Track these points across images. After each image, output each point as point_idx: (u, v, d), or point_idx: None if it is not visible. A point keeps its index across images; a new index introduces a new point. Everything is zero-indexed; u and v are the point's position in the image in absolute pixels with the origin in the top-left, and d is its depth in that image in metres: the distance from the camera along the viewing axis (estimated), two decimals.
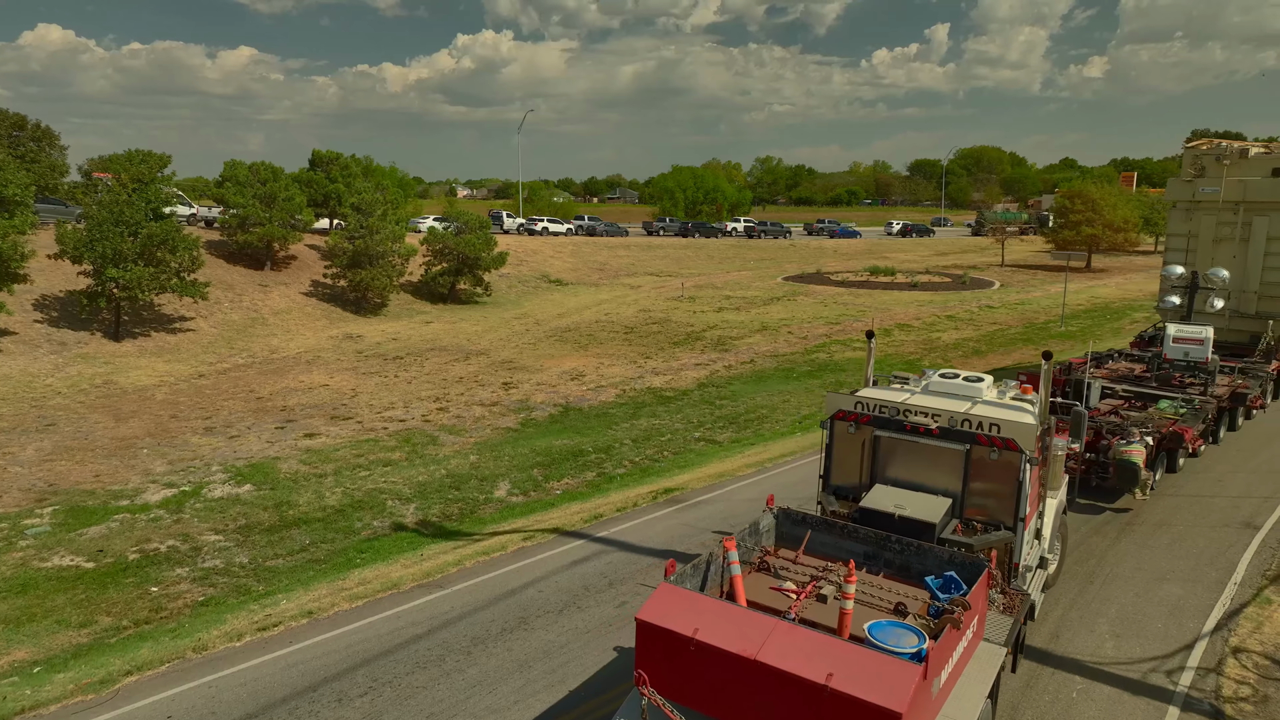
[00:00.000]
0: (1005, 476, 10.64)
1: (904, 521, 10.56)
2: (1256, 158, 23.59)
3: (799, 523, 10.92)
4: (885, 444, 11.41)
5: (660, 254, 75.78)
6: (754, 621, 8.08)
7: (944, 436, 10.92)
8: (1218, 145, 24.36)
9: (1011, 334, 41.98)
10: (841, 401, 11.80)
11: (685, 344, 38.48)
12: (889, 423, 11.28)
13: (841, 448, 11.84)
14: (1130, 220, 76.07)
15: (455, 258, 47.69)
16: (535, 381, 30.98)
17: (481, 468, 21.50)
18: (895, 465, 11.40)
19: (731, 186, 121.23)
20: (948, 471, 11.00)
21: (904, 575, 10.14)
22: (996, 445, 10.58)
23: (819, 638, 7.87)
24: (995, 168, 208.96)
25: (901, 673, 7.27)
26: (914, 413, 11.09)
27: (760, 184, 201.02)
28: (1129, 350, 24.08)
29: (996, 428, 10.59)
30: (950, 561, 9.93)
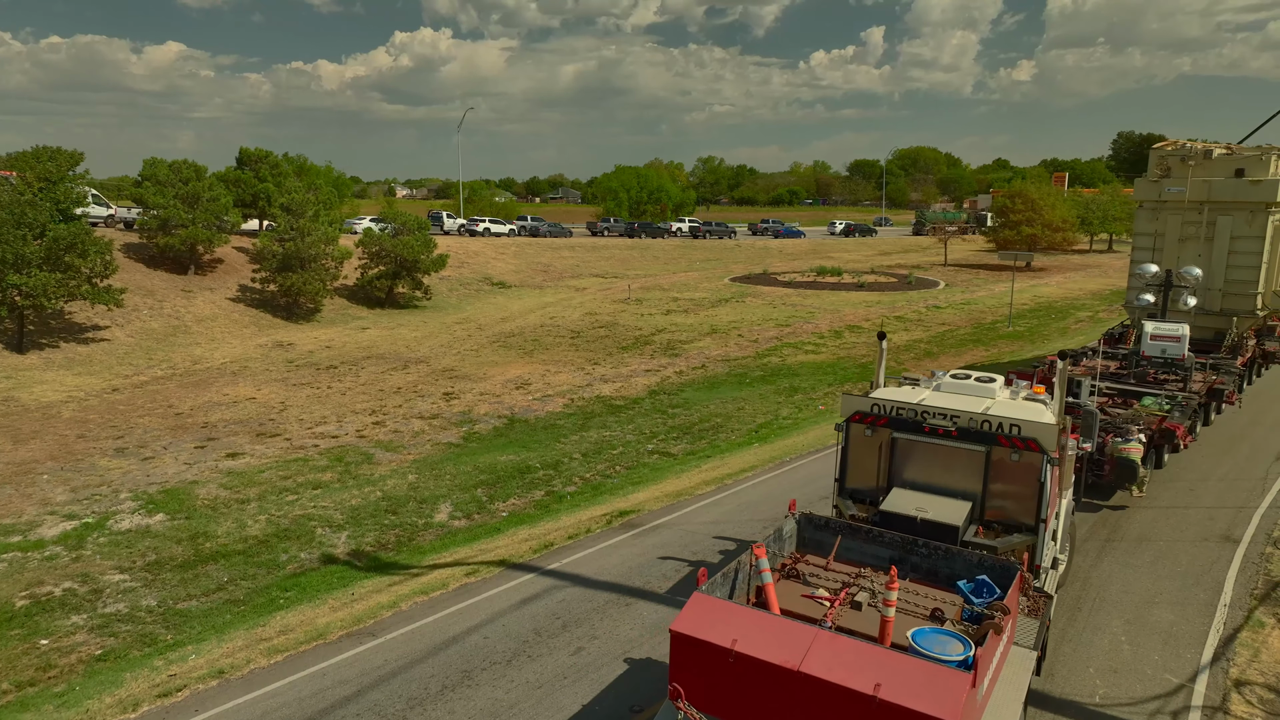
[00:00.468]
0: (1026, 478, 10.51)
1: (926, 525, 10.38)
2: (1220, 159, 23.84)
3: (822, 528, 10.74)
4: (903, 446, 11.23)
5: (605, 255, 74.48)
6: (794, 631, 7.87)
7: (963, 438, 10.77)
8: (1182, 146, 24.52)
9: (961, 335, 41.70)
10: (858, 404, 11.59)
11: (634, 349, 37.28)
12: (907, 424, 11.10)
13: (857, 450, 11.63)
14: (1068, 220, 77.31)
15: (393, 260, 45.74)
16: (478, 391, 29.46)
17: (420, 488, 19.98)
18: (913, 467, 11.22)
19: (675, 186, 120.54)
20: (967, 473, 10.86)
21: (931, 580, 9.92)
22: (1018, 446, 10.45)
23: (863, 647, 7.65)
24: (932, 168, 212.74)
25: (951, 682, 7.08)
26: (933, 414, 10.90)
27: (703, 184, 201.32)
28: (1103, 348, 24.01)
29: (1017, 428, 10.44)
30: (980, 565, 9.76)
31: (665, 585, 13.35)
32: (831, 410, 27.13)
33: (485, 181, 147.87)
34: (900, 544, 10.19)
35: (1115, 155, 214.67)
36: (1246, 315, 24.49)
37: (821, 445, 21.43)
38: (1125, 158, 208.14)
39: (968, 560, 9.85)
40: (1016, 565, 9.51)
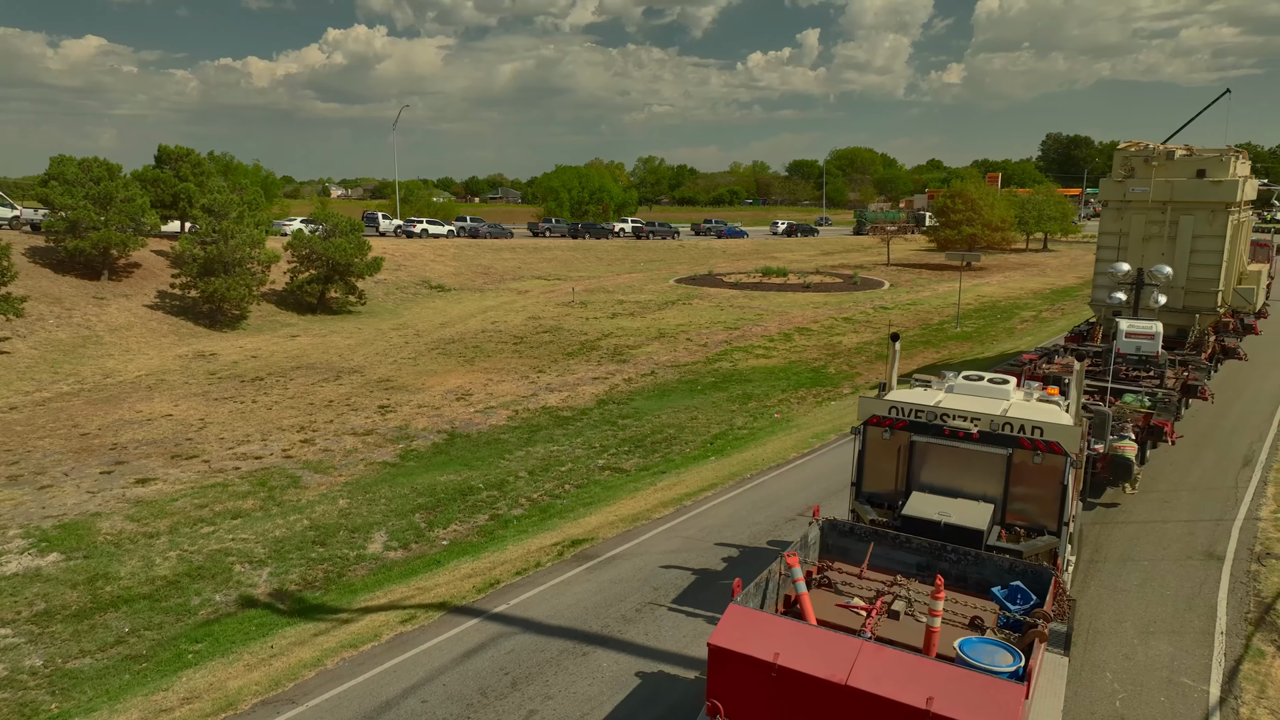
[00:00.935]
0: (1048, 480, 10.42)
1: (949, 529, 10.18)
2: (1182, 160, 24.05)
3: (846, 534, 10.56)
4: (922, 449, 11.07)
5: (548, 256, 72.83)
6: (838, 643, 7.67)
7: (985, 440, 10.63)
8: (1145, 147, 24.69)
9: (910, 336, 41.23)
10: (875, 406, 11.37)
11: (580, 355, 35.89)
12: (926, 427, 10.92)
13: (875, 454, 11.45)
14: (1006, 220, 78.20)
15: (324, 264, 43.54)
16: (416, 403, 27.76)
17: (352, 515, 18.34)
18: (932, 471, 11.07)
19: (617, 186, 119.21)
20: (988, 476, 10.74)
21: (960, 586, 9.71)
22: (1040, 449, 10.34)
23: (911, 659, 7.46)
24: (868, 168, 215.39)
25: (1006, 694, 6.89)
26: (952, 416, 10.74)
27: (644, 184, 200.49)
28: (1073, 346, 24.13)
29: (1039, 430, 10.32)
30: (1011, 570, 9.55)
31: (627, 629, 12.05)
32: (788, 419, 26.16)
33: (423, 181, 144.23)
34: (929, 550, 9.97)
35: (1044, 156, 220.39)
36: (1208, 312, 24.60)
37: (781, 460, 20.35)
38: (1054, 158, 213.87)
39: (999, 566, 9.63)
40: (1051, 570, 9.32)
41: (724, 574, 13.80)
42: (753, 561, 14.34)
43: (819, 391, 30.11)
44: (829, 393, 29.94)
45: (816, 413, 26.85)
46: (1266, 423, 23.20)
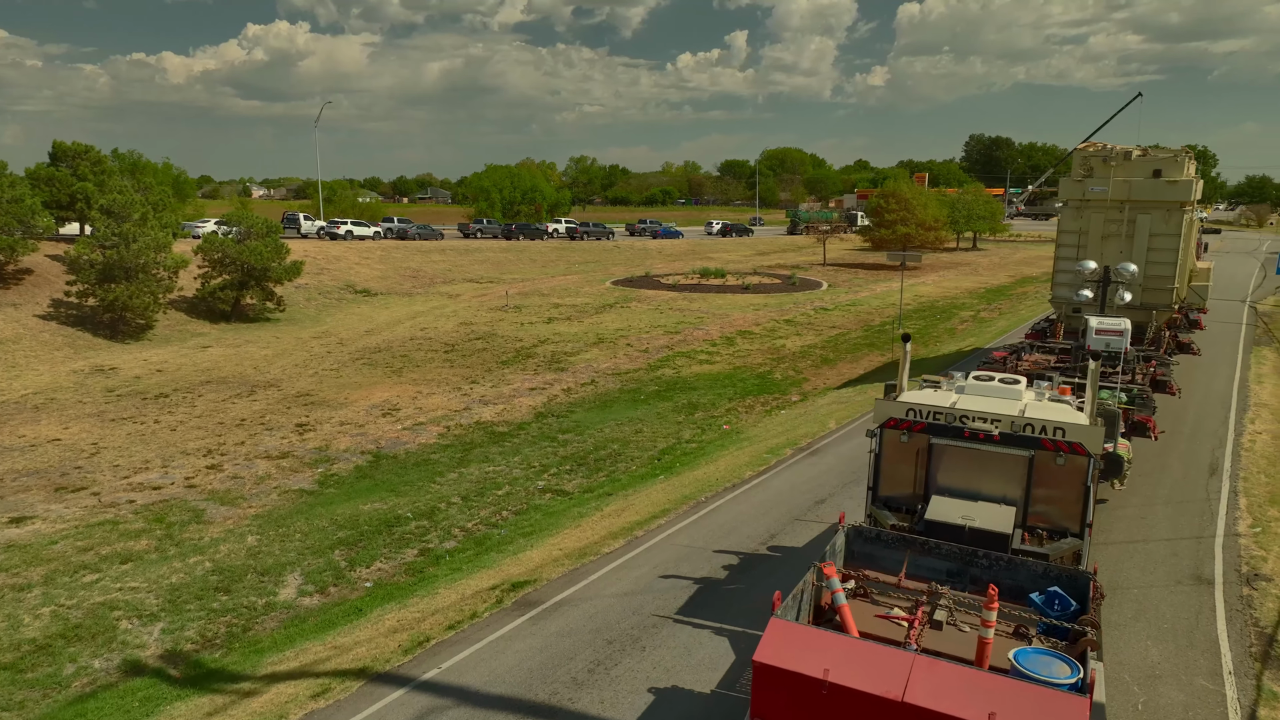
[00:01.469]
0: (1071, 482, 10.24)
1: (973, 533, 10.00)
2: (1139, 160, 24.47)
3: (872, 540, 10.34)
4: (941, 452, 10.83)
5: (479, 258, 70.50)
6: (889, 658, 7.44)
7: (1006, 442, 10.41)
8: (1104, 148, 25.08)
9: (854, 339, 40.49)
10: (892, 409, 11.08)
11: (516, 363, 34.06)
12: (946, 429, 10.69)
13: (892, 457, 11.20)
14: (939, 219, 78.70)
15: (239, 268, 40.75)
16: (338, 421, 25.62)
17: (263, 554, 16.32)
18: (952, 473, 10.84)
19: (549, 186, 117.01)
20: (1009, 479, 10.52)
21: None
22: (1063, 450, 10.17)
23: (968, 672, 7.28)
24: (798, 168, 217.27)
25: (1070, 707, 6.73)
26: (972, 418, 10.53)
27: (576, 184, 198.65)
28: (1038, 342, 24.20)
29: (1061, 431, 10.15)
30: (1045, 575, 9.36)
31: (579, 696, 10.44)
32: (737, 431, 24.84)
33: (349, 181, 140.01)
34: (959, 555, 9.74)
35: (968, 156, 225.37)
36: (1164, 308, 24.85)
37: (736, 480, 18.95)
38: (977, 159, 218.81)
39: (1032, 571, 9.39)
40: (1088, 574, 9.15)
41: (684, 622, 12.29)
42: (716, 604, 12.87)
43: (767, 399, 28.90)
44: (777, 400, 28.75)
45: (767, 423, 25.59)
46: (1222, 426, 22.74)
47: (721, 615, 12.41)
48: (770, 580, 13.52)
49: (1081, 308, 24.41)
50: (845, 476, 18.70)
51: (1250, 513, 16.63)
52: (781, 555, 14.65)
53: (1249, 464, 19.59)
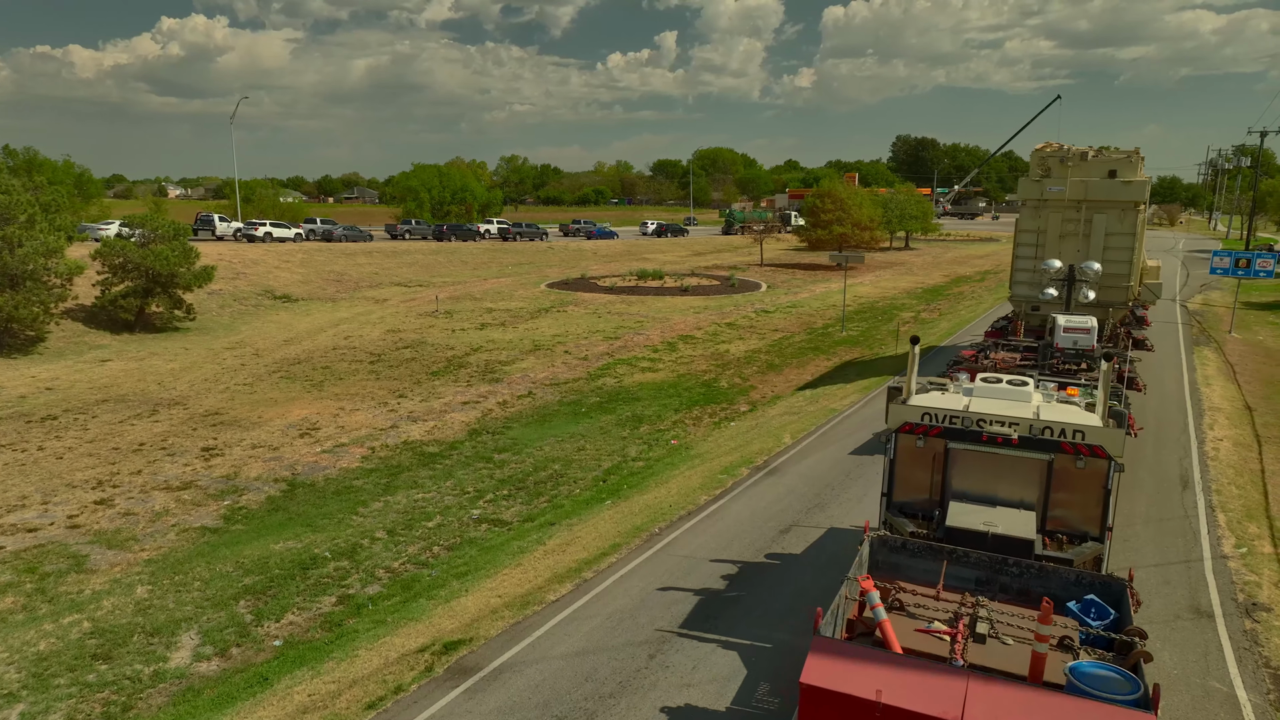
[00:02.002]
0: (1091, 485, 10.11)
1: (996, 540, 9.79)
2: (1095, 160, 24.81)
3: (897, 550, 10.02)
4: (958, 456, 10.63)
5: (408, 260, 67.81)
6: (942, 676, 7.15)
7: (1024, 446, 10.24)
8: (1061, 148, 25.41)
9: (798, 342, 39.45)
10: (907, 413, 10.87)
11: (447, 374, 32.01)
12: (963, 434, 10.53)
13: (907, 463, 10.97)
14: (874, 219, 78.75)
15: (142, 274, 37.71)
16: (249, 444, 23.32)
17: (154, 609, 14.19)
18: (969, 478, 10.64)
19: (480, 186, 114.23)
20: (1028, 483, 10.36)
21: (1023, 600, 9.27)
22: (1083, 453, 10.04)
23: (1026, 690, 7.00)
24: (730, 168, 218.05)
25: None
26: (989, 421, 10.40)
27: (507, 183, 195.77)
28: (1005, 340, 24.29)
29: (1081, 434, 10.02)
30: (1078, 582, 9.15)
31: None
32: (686, 446, 23.36)
33: (270, 180, 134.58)
34: (988, 564, 9.49)
35: (895, 157, 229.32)
36: (1120, 306, 25.42)
37: (691, 505, 17.42)
38: (904, 159, 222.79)
39: (1064, 578, 9.14)
40: (1122, 581, 8.97)
41: (649, 689, 10.69)
42: (680, 666, 11.29)
43: (715, 410, 27.50)
44: (725, 411, 27.38)
45: (716, 437, 24.17)
46: (1184, 433, 22.17)
47: (687, 678, 10.85)
48: (741, 631, 12.02)
49: (1041, 305, 25.10)
50: (808, 500, 17.35)
51: (1232, 531, 15.80)
52: (748, 597, 13.16)
53: (1218, 475, 18.90)
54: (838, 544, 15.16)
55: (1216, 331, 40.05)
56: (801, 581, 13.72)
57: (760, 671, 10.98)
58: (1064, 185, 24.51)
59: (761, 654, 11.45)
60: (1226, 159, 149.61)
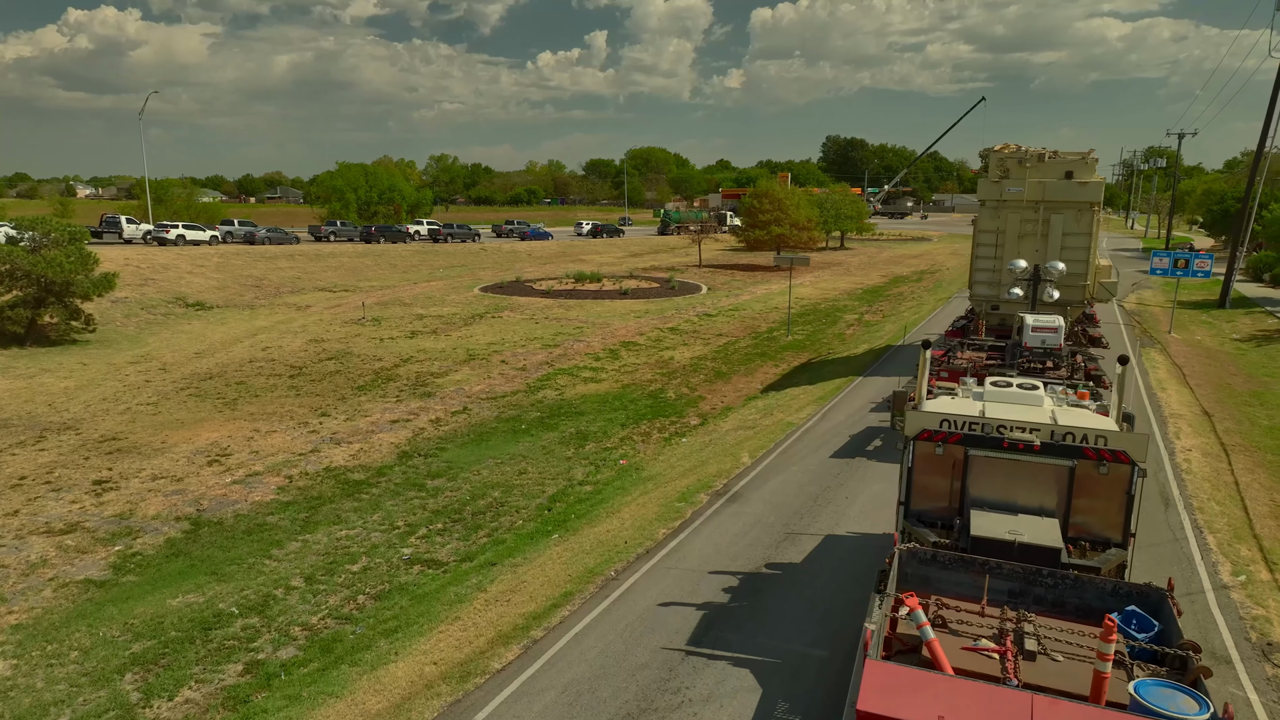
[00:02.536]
0: (1114, 491, 9.96)
1: (1023, 549, 9.54)
2: (1052, 161, 25.21)
3: (927, 562, 9.59)
4: (978, 463, 10.42)
5: (333, 264, 64.73)
6: (1004, 698, 6.90)
7: (1047, 452, 10.07)
8: (1019, 149, 25.87)
9: (743, 348, 38.17)
10: (925, 420, 10.61)
11: (374, 388, 29.76)
12: (984, 440, 10.32)
13: (925, 471, 10.71)
14: (812, 219, 78.32)
15: (34, 282, 34.44)
16: (151, 474, 20.87)
17: (17, 690, 11.94)
18: (989, 486, 10.45)
19: (409, 185, 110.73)
20: (1049, 489, 10.21)
21: (1059, 612, 8.91)
22: (1105, 459, 9.87)
23: (1094, 712, 6.75)
24: (663, 168, 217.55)
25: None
26: (1010, 428, 10.20)
27: (437, 183, 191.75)
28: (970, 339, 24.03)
29: (1104, 439, 9.89)
30: (1115, 593, 8.83)
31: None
32: (637, 467, 21.72)
33: (186, 180, 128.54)
34: (1022, 575, 9.18)
35: (825, 157, 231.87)
36: (1077, 304, 25.87)
37: (649, 541, 15.75)
38: (834, 159, 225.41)
39: (1100, 588, 8.92)
40: (1162, 590, 8.73)
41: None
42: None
43: (664, 424, 25.93)
44: (675, 425, 25.83)
45: (668, 455, 22.59)
46: (1151, 443, 21.33)
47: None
48: (721, 704, 10.41)
49: (1001, 305, 25.87)
50: (777, 532, 15.86)
51: (1225, 555, 14.84)
52: (726, 658, 11.56)
53: (1196, 490, 18.07)
54: (817, 585, 13.69)
55: (1157, 332, 40.15)
56: (784, 633, 12.19)
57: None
58: (1022, 186, 24.99)
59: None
60: (1142, 160, 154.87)
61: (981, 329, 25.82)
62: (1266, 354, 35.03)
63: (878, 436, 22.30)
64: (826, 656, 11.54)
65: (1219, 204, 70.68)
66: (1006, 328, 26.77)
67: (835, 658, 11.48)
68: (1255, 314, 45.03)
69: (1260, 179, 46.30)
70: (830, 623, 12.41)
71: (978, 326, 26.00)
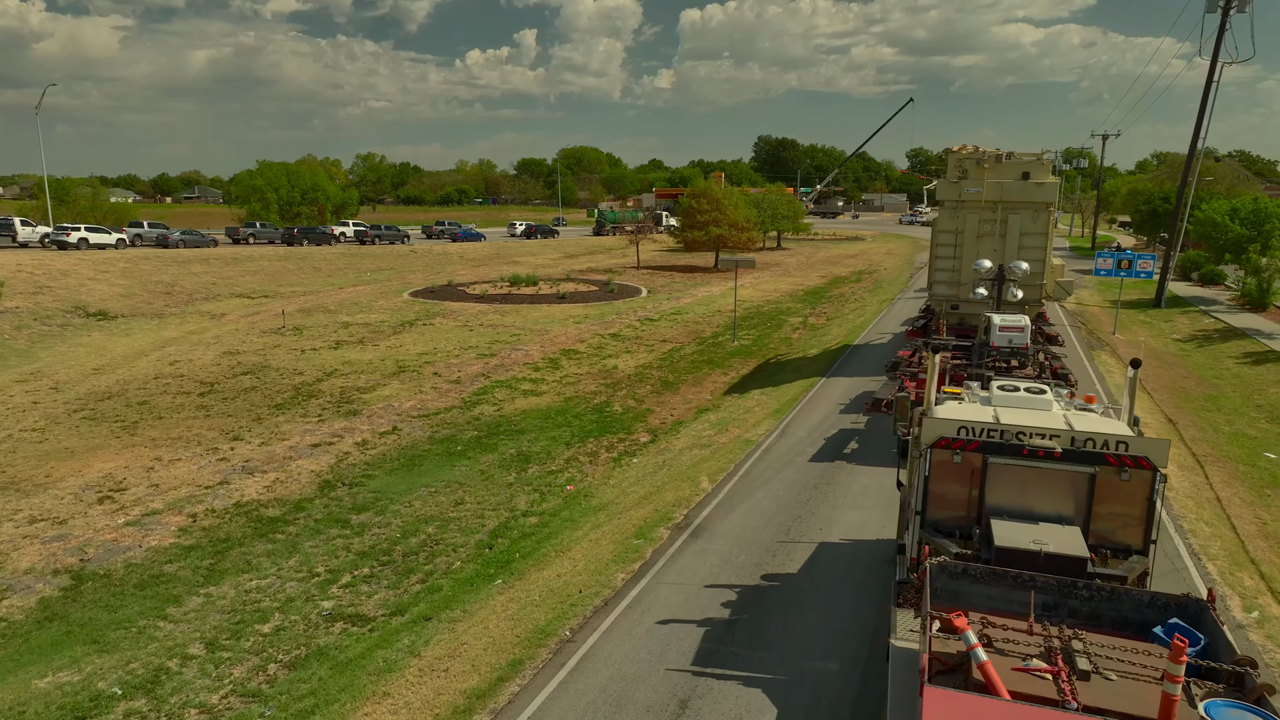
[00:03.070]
0: (1135, 497, 9.67)
1: (1049, 559, 9.03)
2: (1009, 162, 25.63)
3: (958, 576, 8.92)
4: (998, 471, 9.99)
5: (252, 268, 61.21)
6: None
7: (1067, 458, 9.71)
8: (977, 150, 26.12)
9: (689, 355, 36.64)
10: (942, 427, 10.13)
11: (294, 406, 27.29)
12: (1003, 447, 9.92)
13: (942, 479, 10.20)
14: (751, 219, 77.38)
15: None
16: (28, 515, 18.25)
17: None
18: (1007, 494, 10.03)
19: (334, 185, 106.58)
20: (1069, 497, 9.85)
21: (1096, 625, 8.36)
22: (1128, 465, 9.54)
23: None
24: (595, 167, 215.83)
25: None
26: (1030, 434, 9.83)
27: (365, 182, 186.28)
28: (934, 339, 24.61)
29: (1125, 445, 9.54)
30: (1152, 604, 8.38)
31: None
32: (586, 493, 19.90)
33: (93, 179, 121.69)
34: (1056, 587, 8.62)
35: (757, 157, 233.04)
36: (1035, 304, 26.19)
37: (607, 590, 13.91)
38: (765, 159, 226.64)
39: (1137, 600, 8.43)
40: (1201, 602, 8.28)
41: None
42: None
43: (612, 442, 24.16)
44: (624, 442, 24.08)
45: (619, 479, 20.83)
46: None
47: None
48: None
49: (960, 304, 26.58)
50: (748, 572, 14.21)
51: (1230, 586, 13.77)
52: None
53: (1183, 510, 17.07)
54: (803, 644, 12.06)
55: (1102, 333, 39.97)
56: (779, 704, 10.53)
57: None
58: (981, 187, 25.38)
59: None
60: (1063, 160, 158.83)
61: (943, 328, 26.12)
62: (1210, 355, 34.98)
63: (840, 457, 20.91)
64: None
65: (1147, 204, 71.85)
66: (966, 327, 27.23)
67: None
68: (1190, 313, 45.42)
69: (1193, 180, 46.74)
70: (825, 694, 10.81)
71: (938, 326, 26.28)
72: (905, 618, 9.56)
